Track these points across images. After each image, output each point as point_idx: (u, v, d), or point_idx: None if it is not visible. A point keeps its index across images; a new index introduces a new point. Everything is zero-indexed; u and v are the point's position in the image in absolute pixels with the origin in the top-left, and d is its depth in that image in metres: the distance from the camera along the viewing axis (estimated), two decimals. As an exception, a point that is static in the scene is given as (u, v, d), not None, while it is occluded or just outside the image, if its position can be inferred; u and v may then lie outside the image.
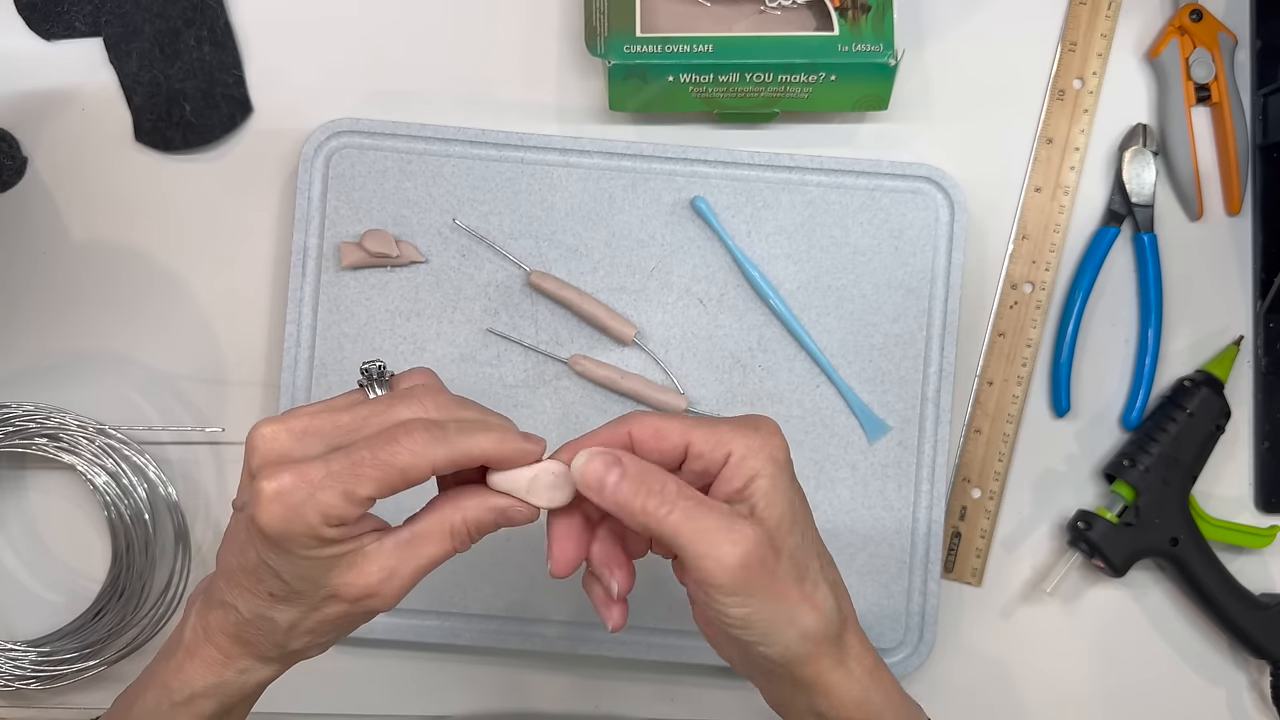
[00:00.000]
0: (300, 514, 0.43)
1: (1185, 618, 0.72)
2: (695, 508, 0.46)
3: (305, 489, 0.43)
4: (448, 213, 0.69)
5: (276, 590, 0.46)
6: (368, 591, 0.46)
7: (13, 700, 0.69)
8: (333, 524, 0.44)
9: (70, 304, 0.71)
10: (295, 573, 0.45)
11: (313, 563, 0.45)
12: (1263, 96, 0.73)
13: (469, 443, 0.46)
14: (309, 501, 0.43)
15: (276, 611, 0.47)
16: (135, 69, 0.71)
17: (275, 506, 0.43)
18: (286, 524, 0.43)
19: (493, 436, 0.46)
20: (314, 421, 0.46)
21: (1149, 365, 0.71)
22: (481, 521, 0.47)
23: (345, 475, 0.44)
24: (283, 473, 0.44)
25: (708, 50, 0.66)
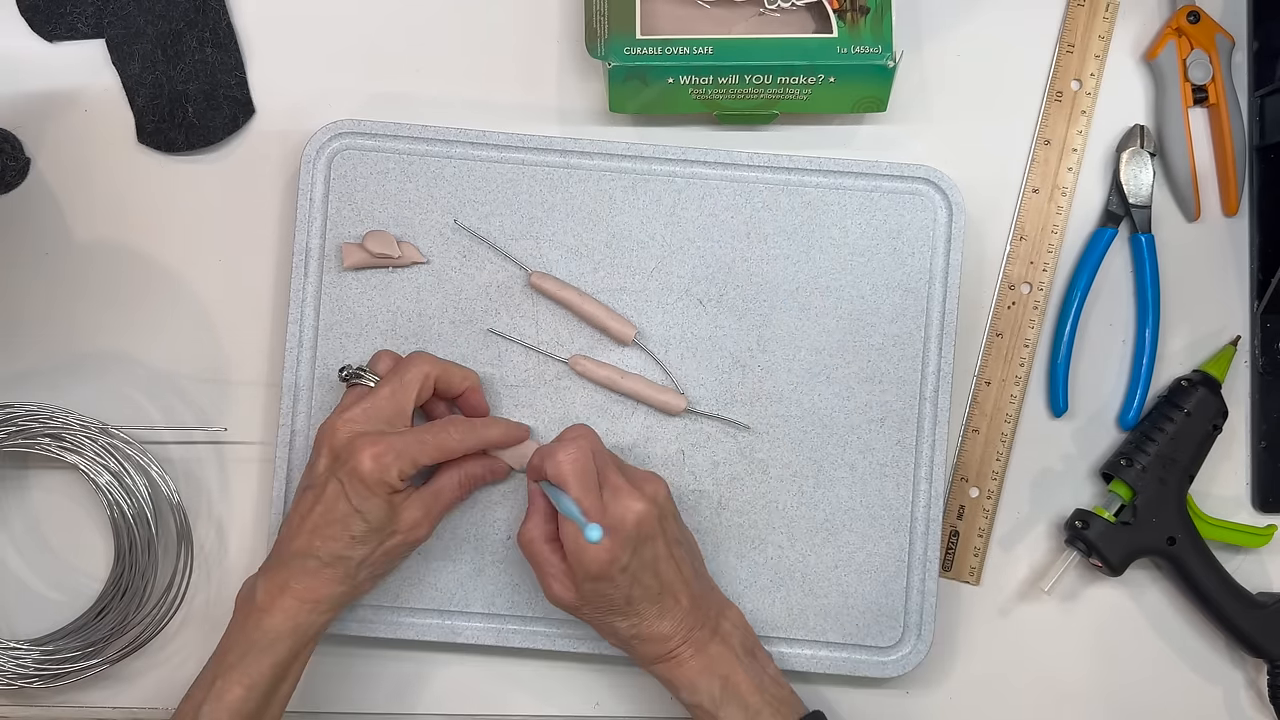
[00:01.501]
0: (388, 467, 0.61)
1: (1182, 617, 0.72)
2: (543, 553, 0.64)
3: (393, 452, 0.62)
4: (449, 214, 0.70)
5: (358, 531, 0.62)
6: (414, 523, 0.64)
7: (15, 699, 0.70)
8: (402, 479, 0.62)
9: (73, 304, 0.71)
10: (374, 514, 0.62)
11: (384, 505, 0.62)
12: (1260, 98, 0.73)
13: (486, 433, 0.66)
14: (394, 461, 0.62)
15: (354, 550, 0.62)
16: (138, 70, 0.71)
17: (376, 464, 0.61)
18: (380, 474, 0.61)
19: (499, 430, 0.67)
20: (364, 412, 0.63)
21: (1146, 365, 0.71)
22: (477, 472, 0.67)
23: (414, 448, 0.63)
24: (379, 441, 0.62)
25: (707, 52, 0.67)
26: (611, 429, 0.69)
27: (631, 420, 0.69)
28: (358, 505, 0.62)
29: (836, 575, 0.69)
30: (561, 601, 0.64)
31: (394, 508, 0.63)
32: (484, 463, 0.67)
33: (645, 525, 0.61)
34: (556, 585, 0.63)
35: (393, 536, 0.64)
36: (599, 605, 0.63)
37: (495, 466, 0.68)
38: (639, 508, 0.61)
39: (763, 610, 0.69)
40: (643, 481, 0.64)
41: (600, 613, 0.63)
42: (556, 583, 0.63)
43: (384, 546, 0.64)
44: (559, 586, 0.63)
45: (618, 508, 0.61)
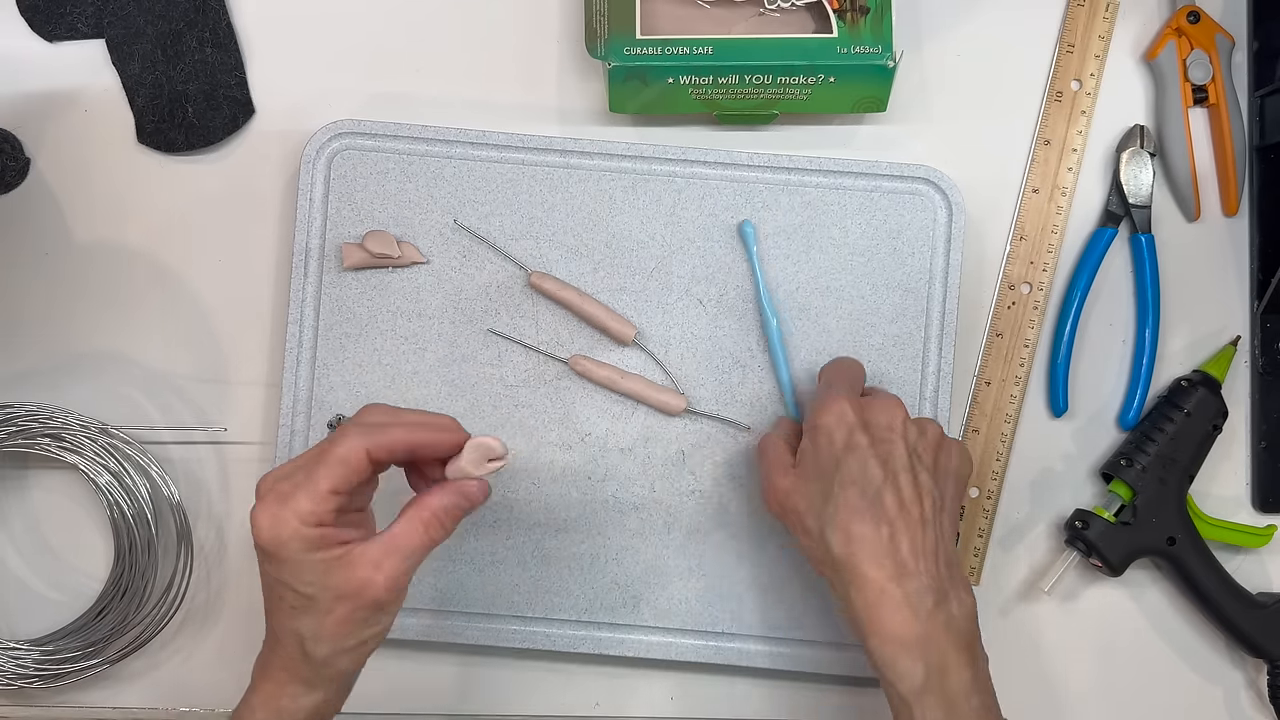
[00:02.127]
0: (281, 520, 0.52)
1: (1182, 617, 0.72)
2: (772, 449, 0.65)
3: (278, 501, 0.53)
4: (449, 214, 0.70)
5: (294, 601, 0.54)
6: (362, 584, 0.53)
7: (15, 699, 0.70)
8: (309, 523, 0.53)
9: (73, 304, 0.71)
10: (300, 580, 0.53)
11: (310, 567, 0.53)
12: (1260, 98, 0.73)
13: (390, 430, 0.55)
14: (284, 509, 0.52)
15: (299, 622, 0.54)
16: (138, 70, 0.71)
17: (262, 520, 0.53)
18: (274, 531, 0.52)
19: (407, 424, 0.56)
20: (286, 466, 0.55)
21: (1146, 365, 0.71)
22: (445, 504, 0.56)
23: (303, 480, 0.53)
24: (263, 498, 0.53)
25: (707, 52, 0.67)
26: (611, 429, 0.69)
27: (631, 420, 0.69)
28: (274, 573, 0.54)
29: (836, 575, 0.69)
30: (780, 489, 0.61)
31: (326, 566, 0.53)
32: (446, 491, 0.56)
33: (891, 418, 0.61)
34: (779, 475, 0.62)
35: (339, 603, 0.53)
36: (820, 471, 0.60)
37: (463, 490, 0.57)
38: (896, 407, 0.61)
39: (763, 610, 0.69)
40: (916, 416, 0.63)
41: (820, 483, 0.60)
42: (780, 472, 0.62)
43: (334, 615, 0.53)
44: (781, 476, 0.61)
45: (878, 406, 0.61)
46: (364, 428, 0.55)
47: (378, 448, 0.54)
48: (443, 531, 0.56)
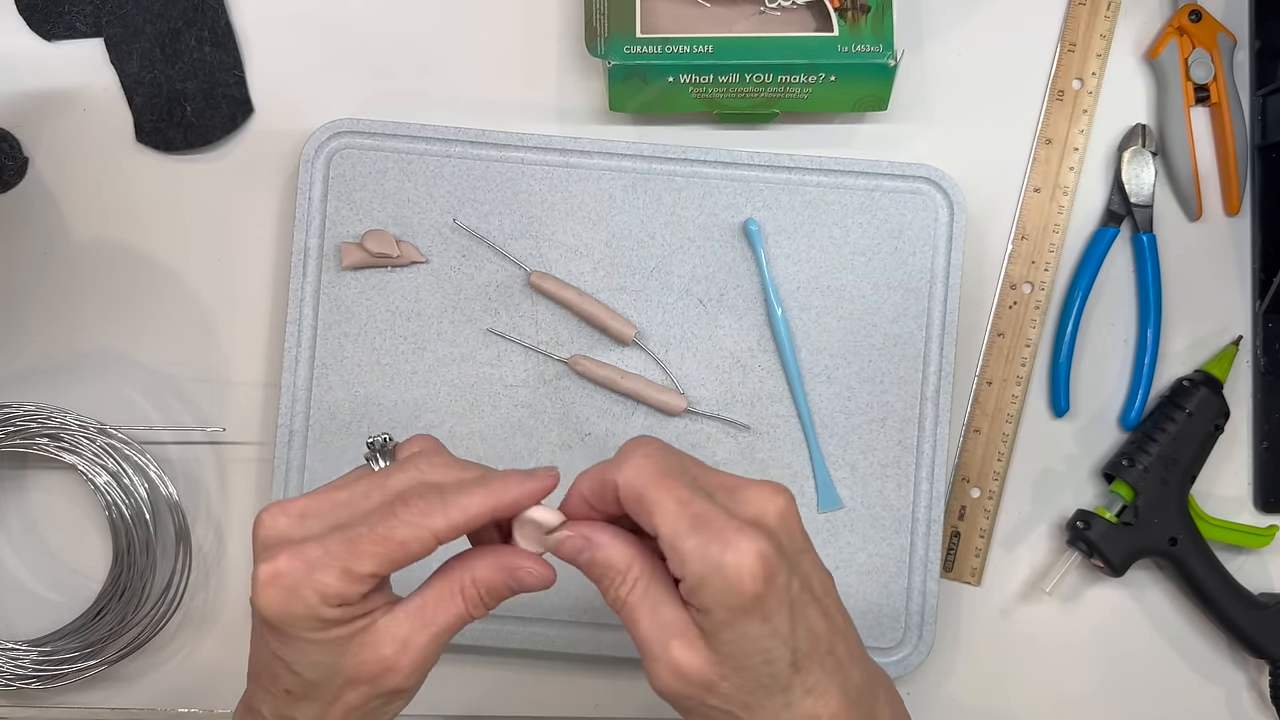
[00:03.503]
0: (298, 595, 0.42)
1: (1184, 617, 0.72)
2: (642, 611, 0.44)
3: (302, 569, 0.42)
4: (448, 213, 0.70)
5: (293, 686, 0.45)
6: (384, 667, 0.44)
7: (14, 700, 0.70)
8: (332, 604, 0.43)
9: (71, 304, 0.71)
10: (306, 661, 0.44)
11: (321, 647, 0.44)
12: (1261, 97, 0.73)
13: (466, 502, 0.44)
14: (306, 582, 0.42)
15: (298, 710, 0.45)
16: (136, 69, 0.71)
17: (272, 590, 0.43)
18: (285, 606, 0.42)
19: (492, 488, 0.45)
20: (313, 503, 0.45)
21: (1148, 365, 0.71)
22: (491, 582, 0.46)
23: (342, 553, 0.43)
24: (279, 555, 0.43)
25: (708, 51, 0.67)
26: (611, 429, 0.69)
27: (631, 420, 0.69)
28: (275, 650, 0.44)
29: (837, 576, 0.68)
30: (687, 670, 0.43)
31: (337, 649, 0.44)
32: (494, 559, 0.46)
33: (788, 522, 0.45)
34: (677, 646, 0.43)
35: (350, 689, 0.44)
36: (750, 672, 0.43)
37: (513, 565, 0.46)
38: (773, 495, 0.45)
39: (763, 611, 0.68)
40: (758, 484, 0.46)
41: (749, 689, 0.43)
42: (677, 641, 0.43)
43: (341, 706, 0.44)
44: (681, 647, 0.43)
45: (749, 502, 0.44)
46: (435, 499, 0.44)
47: (450, 530, 0.44)
48: (482, 609, 0.46)
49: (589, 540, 0.45)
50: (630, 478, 0.44)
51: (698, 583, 0.42)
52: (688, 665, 0.43)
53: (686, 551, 0.42)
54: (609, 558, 0.45)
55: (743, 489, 0.45)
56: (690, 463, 0.46)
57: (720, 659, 0.43)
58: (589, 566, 0.46)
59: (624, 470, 0.44)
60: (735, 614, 0.42)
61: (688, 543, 0.42)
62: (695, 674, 0.43)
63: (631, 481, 0.44)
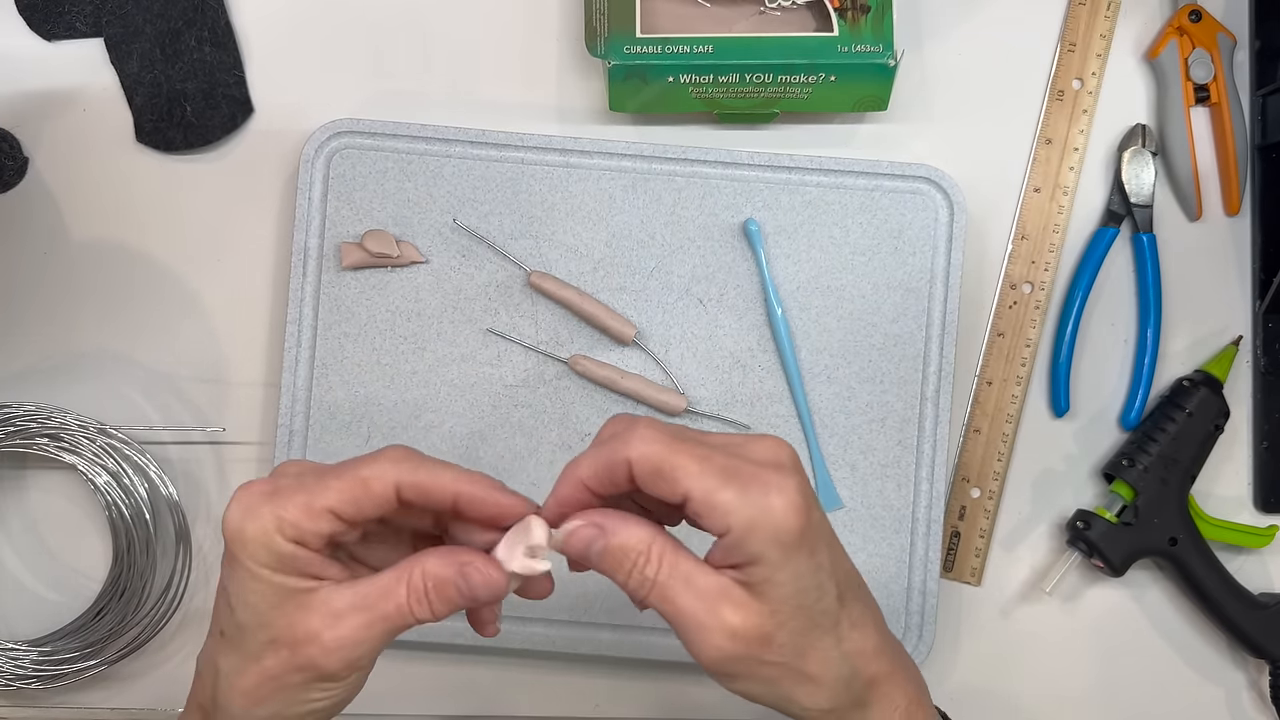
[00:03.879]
0: (256, 515, 0.43)
1: (1184, 617, 0.72)
2: (676, 587, 0.43)
3: (268, 491, 0.43)
4: (448, 213, 0.69)
5: (226, 626, 0.44)
6: (307, 635, 0.43)
7: (13, 700, 0.70)
8: (287, 534, 0.43)
9: (71, 304, 0.71)
10: (242, 597, 0.43)
11: (261, 585, 0.43)
12: (1261, 97, 0.73)
13: (437, 469, 0.44)
14: (268, 504, 0.43)
15: (222, 658, 0.44)
16: (136, 69, 0.71)
17: (235, 507, 0.43)
18: (241, 523, 0.43)
19: (461, 475, 0.44)
20: (308, 463, 0.46)
21: (1148, 365, 0.71)
22: (439, 575, 0.44)
23: (310, 484, 0.43)
24: (254, 483, 0.44)
25: (708, 51, 0.67)
26: (611, 429, 0.69)
27: (631, 420, 0.69)
28: (224, 580, 0.44)
29: (837, 576, 0.69)
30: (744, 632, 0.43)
31: (277, 595, 0.43)
32: (448, 560, 0.44)
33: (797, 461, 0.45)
34: (729, 610, 0.42)
35: (271, 651, 0.43)
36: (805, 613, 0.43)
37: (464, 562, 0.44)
38: (777, 443, 0.44)
39: (763, 611, 0.68)
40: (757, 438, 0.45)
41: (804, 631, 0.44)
42: (728, 605, 0.43)
43: (259, 665, 0.43)
44: (732, 610, 0.43)
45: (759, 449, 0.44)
46: (404, 455, 0.44)
47: (412, 483, 0.44)
48: (429, 611, 0.44)
49: (601, 528, 0.44)
50: (644, 450, 0.43)
51: (746, 530, 0.42)
52: (743, 624, 0.42)
53: (726, 503, 0.42)
54: (626, 540, 0.44)
55: (748, 442, 0.44)
56: (687, 429, 0.45)
57: (774, 608, 0.43)
58: (603, 557, 0.44)
59: (634, 445, 0.43)
60: (788, 552, 0.42)
61: (725, 494, 0.42)
62: (752, 630, 0.43)
63: (646, 454, 0.43)
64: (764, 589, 0.43)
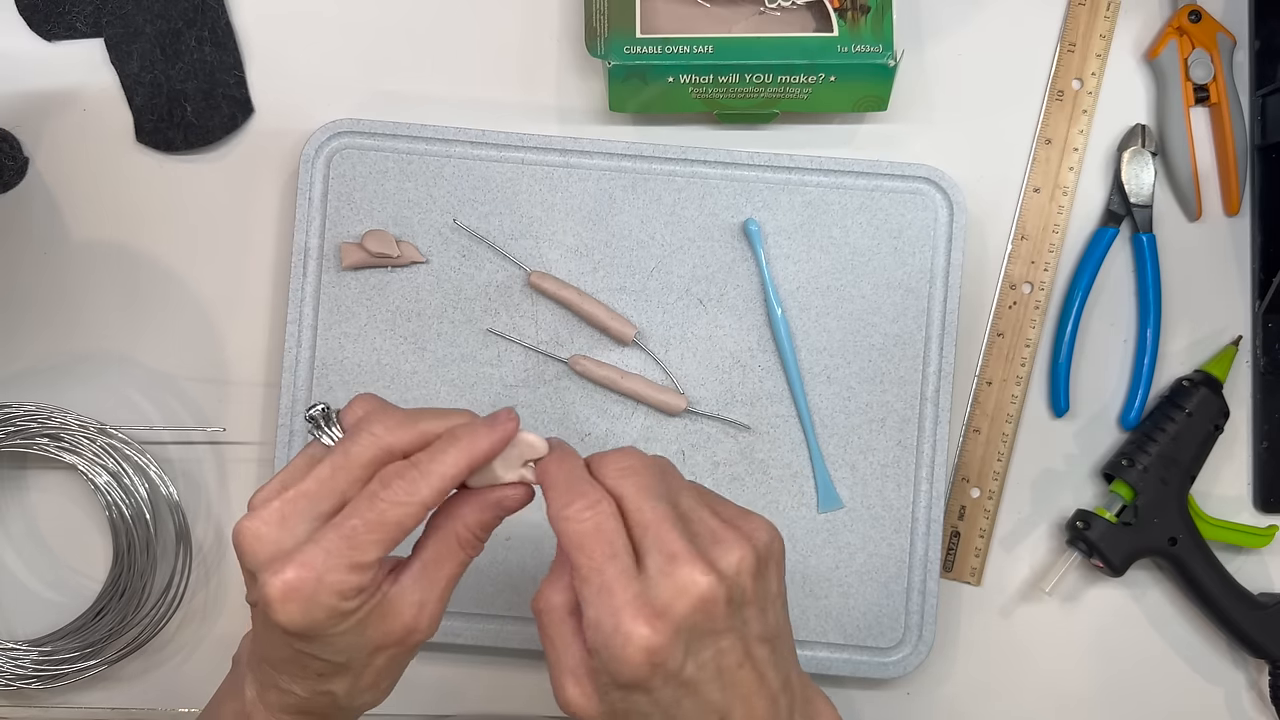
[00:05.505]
0: (317, 602, 0.44)
1: (1184, 617, 0.72)
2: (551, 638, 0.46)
3: (312, 577, 0.44)
4: (448, 213, 0.70)
5: (323, 670, 0.47)
6: (407, 630, 0.47)
7: (14, 700, 0.70)
8: (350, 598, 0.45)
9: (71, 304, 0.71)
10: (333, 649, 0.46)
11: (344, 636, 0.46)
12: (1261, 97, 0.73)
13: (445, 466, 0.46)
14: (321, 588, 0.44)
15: (332, 684, 0.48)
16: (136, 69, 0.71)
17: (291, 605, 0.44)
18: (307, 615, 0.44)
19: (463, 445, 0.46)
20: (287, 504, 0.45)
21: (1148, 365, 0.71)
22: (482, 520, 0.48)
23: (345, 550, 0.44)
24: (285, 568, 0.44)
25: (707, 51, 0.67)
26: (611, 429, 0.69)
27: (631, 420, 0.69)
28: (300, 649, 0.46)
29: (837, 576, 0.69)
30: (576, 708, 0.45)
31: (359, 629, 0.46)
32: (478, 501, 0.48)
33: (707, 611, 0.43)
34: (571, 684, 0.45)
35: (379, 654, 0.47)
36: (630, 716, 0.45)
37: (497, 499, 0.48)
38: (701, 584, 0.43)
39: (763, 611, 0.68)
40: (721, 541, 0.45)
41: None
42: (571, 679, 0.45)
43: (372, 669, 0.48)
44: (574, 686, 0.45)
45: (669, 584, 0.43)
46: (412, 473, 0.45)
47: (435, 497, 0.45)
48: (478, 548, 0.48)
49: None
50: (559, 529, 0.45)
51: (591, 648, 0.44)
52: (576, 705, 0.45)
53: (587, 619, 0.44)
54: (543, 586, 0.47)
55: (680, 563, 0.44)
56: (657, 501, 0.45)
57: (602, 707, 0.45)
58: None
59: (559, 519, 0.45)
60: (621, 686, 0.44)
61: (589, 611, 0.44)
62: (580, 711, 0.45)
63: (560, 532, 0.45)
64: (601, 686, 0.45)
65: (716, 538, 0.45)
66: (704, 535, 0.45)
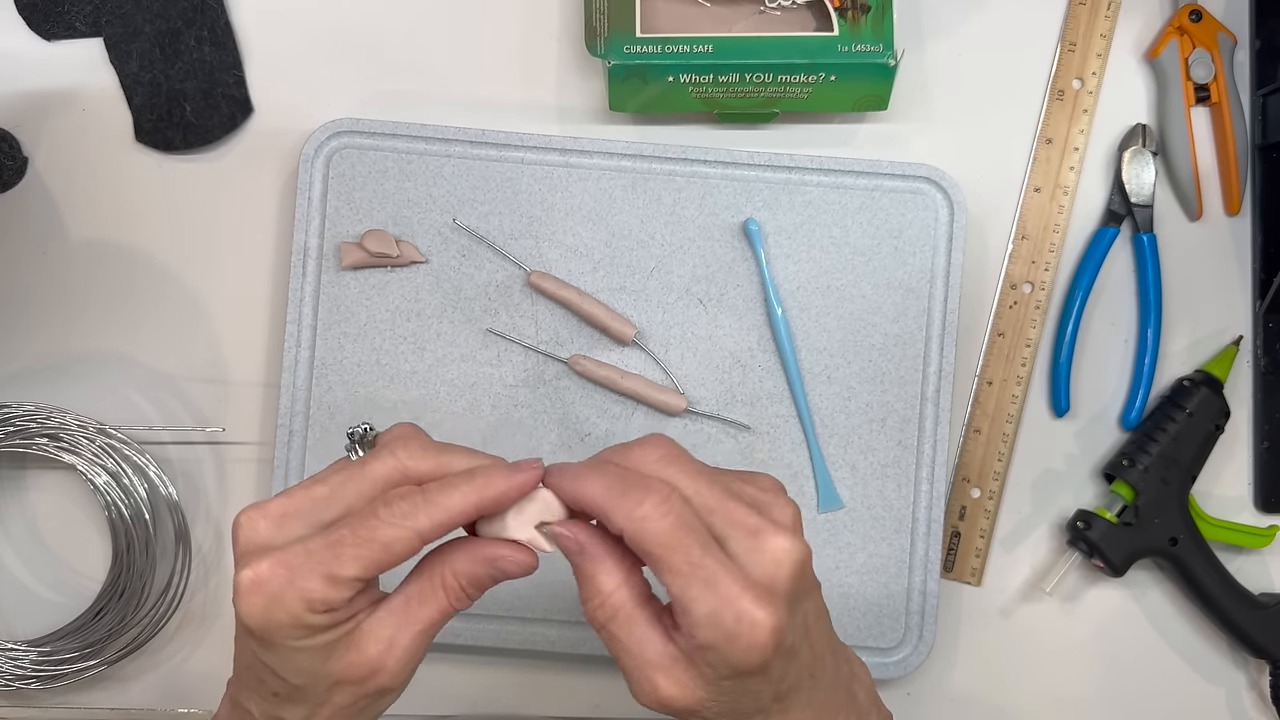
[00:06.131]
0: (281, 603, 0.41)
1: (1184, 617, 0.72)
2: (624, 642, 0.43)
3: (284, 576, 0.41)
4: (448, 213, 0.69)
5: (280, 690, 0.44)
6: (370, 669, 0.43)
7: (13, 700, 0.70)
8: (318, 610, 0.42)
9: (71, 304, 0.71)
10: (291, 667, 0.43)
11: (307, 654, 0.43)
12: (1262, 97, 0.73)
13: (450, 499, 0.43)
14: (289, 589, 0.41)
15: (285, 710, 0.45)
16: (135, 69, 0.71)
17: (255, 597, 0.42)
18: (267, 614, 0.42)
19: (476, 484, 0.44)
20: (291, 502, 0.44)
21: (1148, 365, 0.71)
22: (474, 575, 0.45)
23: (326, 557, 0.42)
24: (260, 561, 0.42)
25: (707, 50, 0.67)
26: (611, 429, 0.69)
27: (631, 420, 0.69)
28: (262, 657, 0.43)
29: (837, 576, 0.69)
30: (672, 700, 0.43)
31: (323, 654, 0.43)
32: (473, 551, 0.45)
33: (803, 574, 0.43)
34: (661, 677, 0.42)
35: (338, 691, 0.44)
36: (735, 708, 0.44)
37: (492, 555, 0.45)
38: (790, 550, 0.43)
39: (763, 611, 0.68)
40: (768, 502, 0.45)
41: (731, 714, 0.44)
42: (660, 673, 0.43)
43: (330, 708, 0.44)
44: (664, 678, 0.42)
45: (764, 558, 0.42)
46: (418, 497, 0.43)
47: (434, 529, 0.43)
48: (464, 602, 0.45)
49: (581, 549, 0.44)
50: (638, 531, 0.42)
51: (706, 645, 0.42)
52: (673, 698, 0.43)
53: (698, 616, 0.42)
54: (594, 574, 0.44)
55: (764, 535, 0.43)
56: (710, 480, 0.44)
57: (708, 695, 0.43)
58: (576, 569, 0.45)
59: (633, 521, 0.42)
60: (739, 674, 0.42)
61: (700, 607, 0.41)
62: (680, 704, 0.43)
63: (640, 536, 0.42)
64: (707, 676, 0.43)
65: (761, 501, 0.44)
66: (755, 502, 0.44)
